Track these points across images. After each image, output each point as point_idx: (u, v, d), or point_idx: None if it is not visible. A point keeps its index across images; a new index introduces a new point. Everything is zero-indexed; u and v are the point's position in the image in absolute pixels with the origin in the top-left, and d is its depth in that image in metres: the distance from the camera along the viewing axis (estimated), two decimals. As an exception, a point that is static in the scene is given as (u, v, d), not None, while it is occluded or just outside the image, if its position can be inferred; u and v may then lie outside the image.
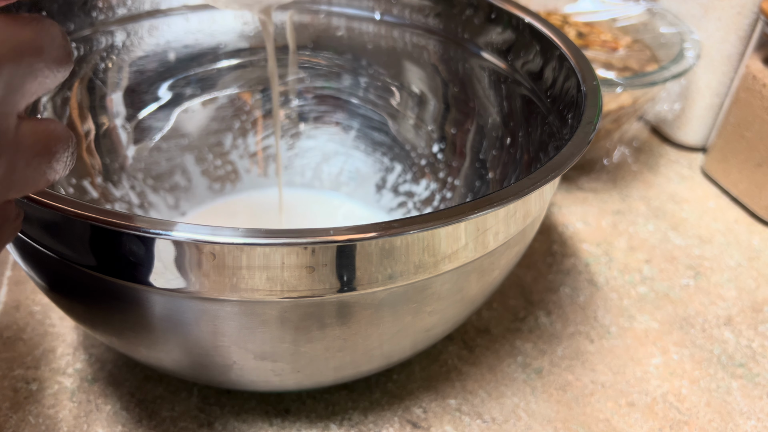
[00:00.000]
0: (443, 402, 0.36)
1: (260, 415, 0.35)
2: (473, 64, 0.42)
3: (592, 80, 0.34)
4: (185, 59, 0.44)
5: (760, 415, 0.37)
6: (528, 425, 0.35)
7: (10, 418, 0.34)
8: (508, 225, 0.29)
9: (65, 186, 0.39)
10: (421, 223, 0.25)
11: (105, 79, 0.42)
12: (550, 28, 0.38)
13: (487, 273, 0.31)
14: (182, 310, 0.27)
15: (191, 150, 0.46)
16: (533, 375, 0.38)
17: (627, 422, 0.36)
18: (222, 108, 0.46)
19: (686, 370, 0.39)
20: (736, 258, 0.47)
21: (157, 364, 0.32)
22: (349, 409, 0.36)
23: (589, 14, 0.56)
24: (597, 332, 0.41)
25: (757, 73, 0.48)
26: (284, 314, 0.27)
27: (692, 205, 0.51)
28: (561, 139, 0.34)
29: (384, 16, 0.44)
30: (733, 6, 0.50)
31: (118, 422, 0.34)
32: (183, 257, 0.25)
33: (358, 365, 0.32)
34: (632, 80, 0.47)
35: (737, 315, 0.43)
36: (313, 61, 0.46)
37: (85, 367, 0.37)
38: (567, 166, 0.28)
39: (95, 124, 0.42)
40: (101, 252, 0.26)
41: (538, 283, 0.44)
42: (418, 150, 0.46)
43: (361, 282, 0.26)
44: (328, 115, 0.48)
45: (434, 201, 0.45)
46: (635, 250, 0.47)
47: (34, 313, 0.40)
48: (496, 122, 0.42)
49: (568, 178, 0.52)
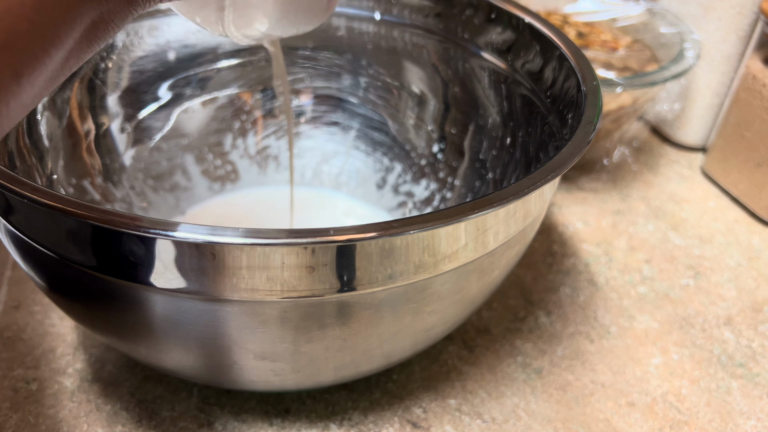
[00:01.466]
0: (443, 402, 0.36)
1: (260, 415, 0.35)
2: (473, 64, 0.42)
3: (592, 80, 0.34)
4: (185, 59, 0.44)
5: (760, 415, 0.37)
6: (528, 425, 0.35)
7: (10, 418, 0.34)
8: (508, 225, 0.29)
9: (65, 186, 0.39)
10: (421, 223, 0.25)
11: (105, 79, 0.42)
12: (550, 28, 0.38)
13: (487, 273, 0.31)
14: (182, 310, 0.27)
15: (191, 150, 0.46)
16: (533, 375, 0.38)
17: (627, 422, 0.36)
18: (222, 108, 0.46)
19: (686, 370, 0.39)
20: (736, 258, 0.47)
21: (157, 364, 0.32)
22: (349, 409, 0.36)
23: (589, 14, 0.56)
24: (597, 332, 0.41)
25: (757, 73, 0.48)
26: (284, 314, 0.27)
27: (692, 205, 0.51)
28: (561, 139, 0.34)
29: (384, 16, 0.44)
30: (733, 6, 0.50)
31: (118, 422, 0.34)
32: (183, 257, 0.25)
33: (358, 365, 0.32)
34: (632, 80, 0.47)
35: (737, 315, 0.43)
36: (313, 61, 0.46)
37: (85, 367, 0.37)
38: (567, 166, 0.28)
39: (95, 124, 0.41)
40: (101, 252, 0.26)
41: (538, 283, 0.44)
42: (418, 150, 0.46)
43: (361, 282, 0.26)
44: (328, 115, 0.48)
45: (434, 201, 0.45)
46: (635, 250, 0.47)
47: (34, 313, 0.40)
48: (496, 122, 0.42)
49: (568, 178, 0.52)
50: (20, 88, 0.18)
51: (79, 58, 0.21)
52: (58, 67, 0.20)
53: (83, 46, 0.21)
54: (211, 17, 0.27)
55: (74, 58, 0.20)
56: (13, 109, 0.18)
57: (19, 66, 0.18)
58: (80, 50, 0.21)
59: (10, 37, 0.17)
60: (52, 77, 0.20)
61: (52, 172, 0.38)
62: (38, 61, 0.18)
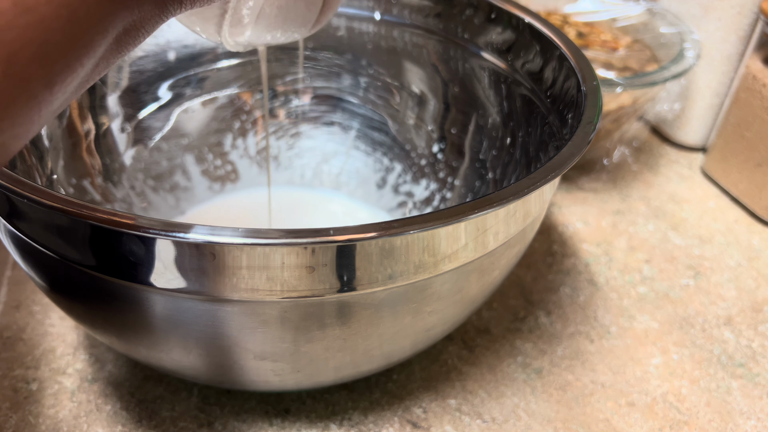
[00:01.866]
0: (443, 402, 0.36)
1: (260, 415, 0.35)
2: (473, 64, 0.42)
3: (592, 80, 0.34)
4: (185, 59, 0.44)
5: (760, 415, 0.37)
6: (528, 425, 0.35)
7: (10, 418, 0.34)
8: (508, 225, 0.29)
9: (65, 186, 0.39)
10: (421, 223, 0.25)
11: (105, 79, 0.42)
12: (550, 28, 0.38)
13: (487, 273, 0.31)
14: (182, 310, 0.27)
15: (191, 150, 0.46)
16: (533, 375, 0.38)
17: (627, 422, 0.36)
18: (222, 108, 0.46)
19: (686, 370, 0.39)
20: (736, 258, 0.47)
21: (157, 364, 0.32)
22: (349, 409, 0.36)
23: (589, 14, 0.56)
24: (597, 332, 0.41)
25: (757, 73, 0.48)
26: (284, 314, 0.27)
27: (692, 205, 0.51)
28: (561, 139, 0.34)
29: (384, 16, 0.44)
30: (733, 6, 0.50)
31: (118, 422, 0.34)
32: (183, 257, 0.25)
33: (358, 365, 0.32)
34: (632, 80, 0.47)
35: (737, 315, 0.43)
36: (313, 61, 0.46)
37: (85, 367, 0.37)
38: (567, 166, 0.28)
39: (95, 124, 0.41)
40: (101, 252, 0.26)
41: (538, 283, 0.44)
42: (418, 150, 0.46)
43: (361, 282, 0.26)
44: (328, 115, 0.48)
45: (434, 201, 0.45)
46: (635, 250, 0.47)
47: (34, 313, 0.40)
48: (496, 122, 0.42)
49: (568, 178, 0.52)
50: (53, 96, 0.18)
51: (108, 63, 0.21)
52: (88, 73, 0.20)
53: (114, 52, 0.21)
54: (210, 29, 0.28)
55: (104, 64, 0.21)
56: (44, 116, 0.19)
57: (52, 76, 0.18)
58: (110, 56, 0.21)
59: (43, 48, 0.17)
60: (83, 82, 0.20)
61: (52, 172, 0.38)
62: (70, 70, 0.19)
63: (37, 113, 0.18)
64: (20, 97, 0.17)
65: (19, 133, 0.18)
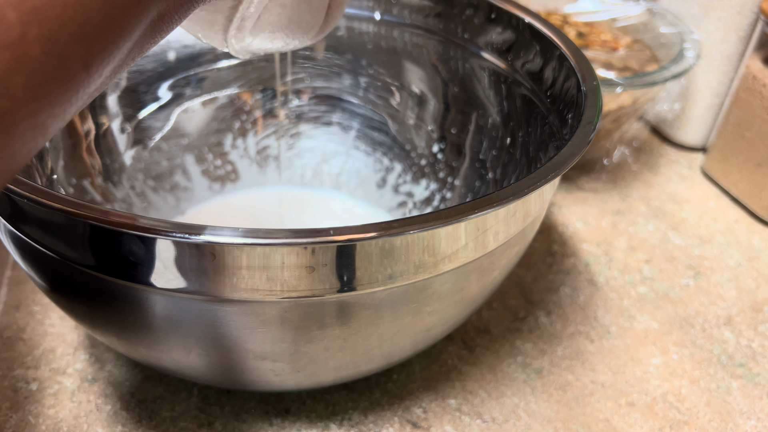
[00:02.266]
0: (443, 402, 0.36)
1: (260, 415, 0.35)
2: (473, 64, 0.42)
3: (592, 80, 0.34)
4: (185, 59, 0.44)
5: (760, 415, 0.37)
6: (528, 425, 0.35)
7: (10, 418, 0.34)
8: (508, 225, 0.29)
9: (65, 186, 0.39)
10: (421, 223, 0.25)
11: (105, 79, 0.42)
12: (550, 28, 0.38)
13: (487, 273, 0.31)
14: (182, 310, 0.27)
15: (191, 150, 0.46)
16: (533, 375, 0.38)
17: (627, 422, 0.36)
18: (222, 108, 0.46)
19: (686, 370, 0.39)
20: (736, 258, 0.47)
21: (157, 364, 0.32)
22: (349, 409, 0.36)
23: (589, 14, 0.56)
24: (597, 332, 0.41)
25: (757, 73, 0.48)
26: (284, 314, 0.27)
27: (692, 205, 0.51)
28: (561, 139, 0.34)
29: (384, 16, 0.44)
30: (733, 6, 0.50)
31: (118, 422, 0.34)
32: (183, 257, 0.25)
33: (358, 365, 0.32)
34: (632, 80, 0.47)
35: (737, 315, 0.43)
36: (313, 61, 0.46)
37: (85, 367, 0.37)
38: (567, 166, 0.28)
39: (95, 124, 0.41)
40: (101, 252, 0.26)
41: (538, 283, 0.44)
42: (418, 150, 0.46)
43: (361, 282, 0.26)
44: (328, 115, 0.48)
45: (434, 201, 0.45)
46: (635, 250, 0.47)
47: (34, 313, 0.40)
48: (496, 122, 0.42)
49: (568, 178, 0.52)
50: (89, 78, 0.18)
51: (142, 49, 0.21)
52: (123, 58, 0.20)
53: (147, 37, 0.21)
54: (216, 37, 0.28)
55: (138, 49, 0.21)
56: (80, 98, 0.19)
57: (89, 57, 0.18)
58: (144, 42, 0.21)
59: (83, 28, 0.17)
60: (117, 67, 0.20)
61: (52, 172, 0.38)
62: (107, 53, 0.19)
63: (74, 94, 0.18)
64: (59, 76, 0.17)
65: (56, 113, 0.18)
